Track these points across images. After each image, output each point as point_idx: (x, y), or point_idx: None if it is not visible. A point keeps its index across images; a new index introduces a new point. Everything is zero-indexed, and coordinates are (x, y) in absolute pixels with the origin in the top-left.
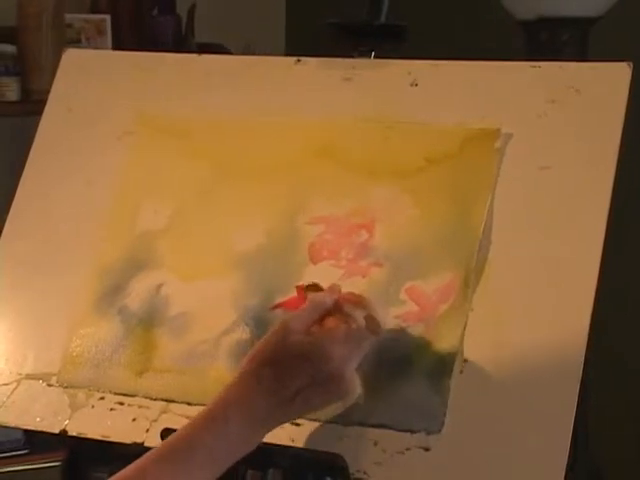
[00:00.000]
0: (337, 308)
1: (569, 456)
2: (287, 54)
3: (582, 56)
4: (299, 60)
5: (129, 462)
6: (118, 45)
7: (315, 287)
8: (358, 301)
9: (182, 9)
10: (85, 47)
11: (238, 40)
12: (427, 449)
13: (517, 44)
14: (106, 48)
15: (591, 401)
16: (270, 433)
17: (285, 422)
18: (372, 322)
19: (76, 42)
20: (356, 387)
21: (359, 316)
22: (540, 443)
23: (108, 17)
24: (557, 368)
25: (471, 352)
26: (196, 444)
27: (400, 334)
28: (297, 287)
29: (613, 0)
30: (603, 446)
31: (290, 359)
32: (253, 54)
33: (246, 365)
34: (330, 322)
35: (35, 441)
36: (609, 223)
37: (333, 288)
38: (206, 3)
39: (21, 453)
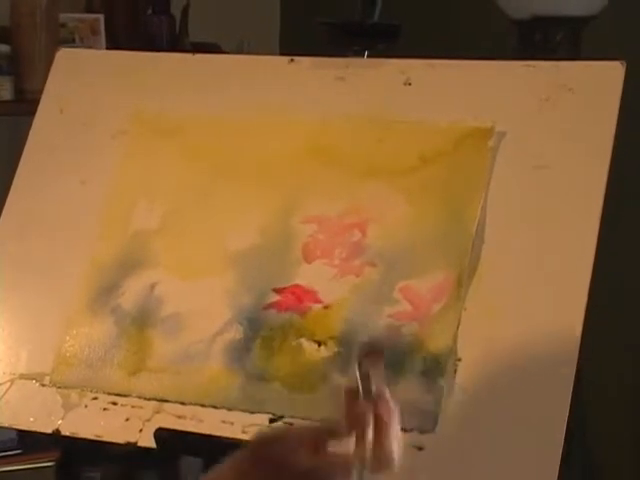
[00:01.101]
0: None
1: (563, 451)
2: (281, 53)
3: (576, 55)
4: (292, 60)
5: (122, 462)
6: (112, 45)
7: (372, 355)
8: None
9: (176, 9)
10: (79, 47)
11: (232, 39)
12: (421, 448)
13: (511, 43)
14: (100, 48)
15: (587, 395)
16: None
17: None
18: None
19: (70, 42)
20: None
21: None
22: (533, 441)
23: (102, 17)
24: (550, 366)
25: (464, 351)
26: None
27: (393, 333)
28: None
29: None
30: (598, 440)
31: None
32: (247, 53)
33: (250, 453)
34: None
35: (28, 441)
36: (602, 221)
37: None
38: (200, 3)
39: (14, 453)
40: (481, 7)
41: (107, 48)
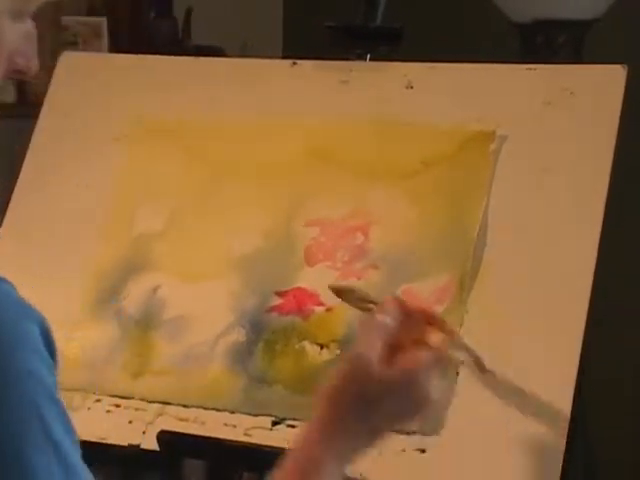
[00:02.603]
0: (406, 329)
1: (566, 454)
2: (284, 56)
3: (578, 59)
4: (295, 63)
5: (125, 465)
6: (115, 48)
7: (345, 290)
8: (426, 315)
9: (179, 11)
10: (82, 50)
11: (235, 42)
12: (423, 451)
13: (513, 47)
14: (103, 51)
15: (588, 395)
16: (265, 435)
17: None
18: (480, 364)
19: (73, 45)
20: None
21: (432, 338)
22: (536, 444)
23: (105, 20)
24: (552, 368)
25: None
26: None
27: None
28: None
29: (608, 3)
30: (599, 437)
31: (380, 394)
32: (250, 56)
33: (328, 405)
34: (406, 348)
35: None
36: (605, 225)
37: (387, 306)
38: (203, 5)
39: None
40: (483, 10)
41: (110, 51)
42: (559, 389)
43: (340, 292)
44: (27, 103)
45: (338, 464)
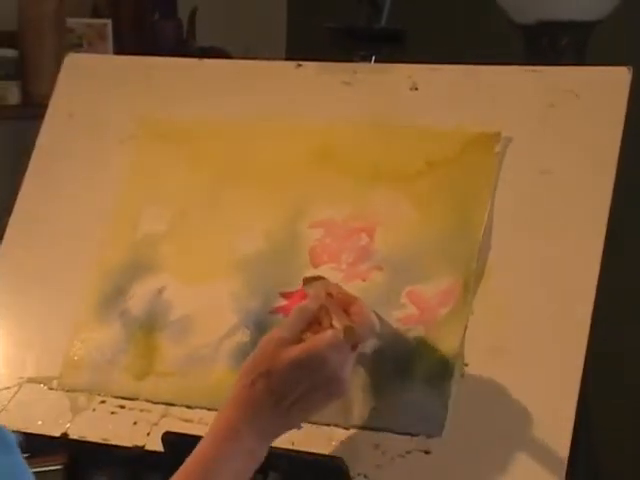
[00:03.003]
0: (324, 313)
1: (570, 456)
2: (287, 58)
3: (582, 60)
4: (299, 65)
5: (130, 466)
6: (119, 49)
7: (315, 279)
8: (348, 301)
9: (183, 13)
10: (86, 51)
11: (239, 44)
12: (427, 452)
13: (517, 48)
14: (107, 52)
15: (593, 402)
16: None
17: (287, 431)
18: (349, 332)
19: (77, 46)
20: (351, 386)
21: (345, 320)
22: (540, 446)
23: (109, 21)
24: (557, 371)
25: (471, 356)
26: (213, 469)
27: (401, 338)
28: (303, 279)
29: (612, 5)
30: (604, 446)
31: (286, 369)
32: (254, 58)
33: (242, 380)
34: (318, 328)
35: (36, 445)
36: (609, 227)
37: (317, 293)
38: (207, 7)
39: (23, 457)
40: (487, 12)
41: (114, 53)
42: (564, 391)
43: (306, 281)
44: (31, 105)
45: (257, 435)
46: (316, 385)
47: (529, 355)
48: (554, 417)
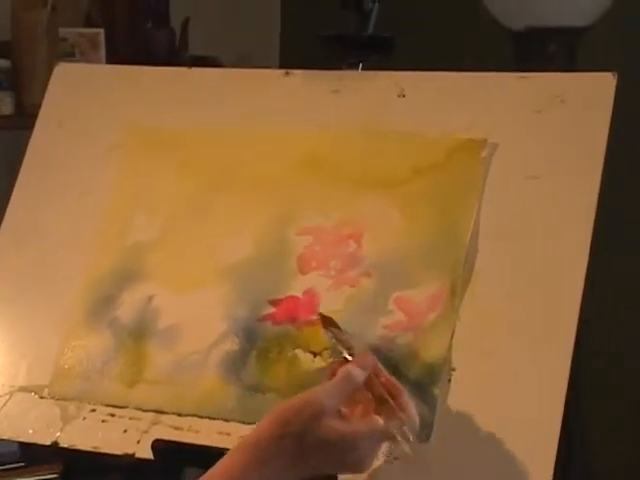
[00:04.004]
0: (366, 390)
1: (563, 458)
2: (281, 66)
3: (571, 66)
4: (288, 72)
5: (123, 474)
6: (112, 59)
7: (330, 321)
8: (396, 390)
9: (176, 22)
10: (79, 61)
11: (232, 53)
12: (415, 458)
13: (506, 54)
14: (100, 62)
15: (585, 404)
16: None
17: None
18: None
19: (70, 56)
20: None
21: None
22: (528, 451)
23: (102, 31)
24: (544, 375)
25: (459, 361)
26: None
27: (388, 343)
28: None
29: (601, 10)
30: (597, 448)
31: (319, 442)
32: (248, 67)
33: (269, 427)
34: (362, 408)
35: (31, 454)
36: (595, 231)
37: (366, 362)
38: (200, 16)
39: (17, 466)
40: (476, 18)
41: (107, 62)
42: (551, 395)
43: (326, 322)
44: (25, 115)
45: None
46: (339, 465)
47: (516, 360)
48: (542, 421)
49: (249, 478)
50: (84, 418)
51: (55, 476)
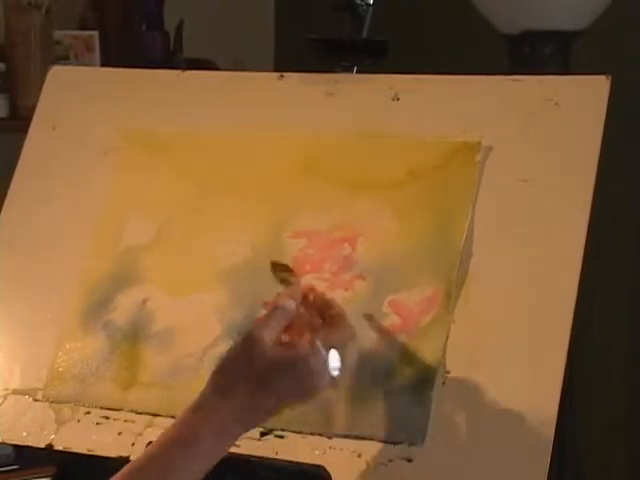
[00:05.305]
0: (299, 315)
1: (557, 463)
2: (276, 70)
3: (565, 69)
4: (282, 76)
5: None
6: (107, 61)
7: (283, 267)
8: (326, 304)
9: (170, 25)
10: (74, 63)
11: (227, 56)
12: (410, 460)
13: (500, 58)
14: (95, 64)
15: (578, 407)
16: (254, 446)
17: (253, 428)
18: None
19: (65, 59)
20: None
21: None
22: (522, 453)
23: (96, 33)
24: (538, 378)
25: (453, 363)
26: (168, 466)
27: (383, 346)
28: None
29: (595, 14)
30: (590, 449)
31: (267, 373)
32: (242, 70)
33: (215, 379)
34: (299, 329)
35: (25, 456)
36: (589, 234)
37: (295, 291)
38: (194, 19)
39: (11, 469)
40: (471, 22)
41: (102, 65)
42: (545, 397)
43: (276, 268)
44: (19, 118)
45: (217, 438)
46: (299, 392)
47: (510, 362)
48: (536, 423)
49: (200, 435)
50: (78, 421)
51: (49, 479)
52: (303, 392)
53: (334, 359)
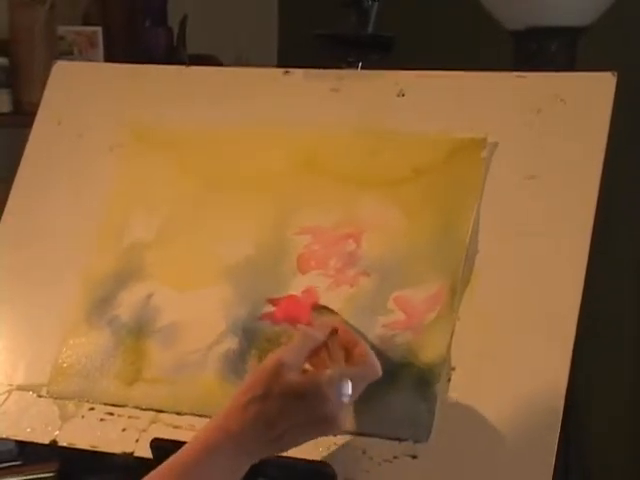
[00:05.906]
0: (325, 348)
1: (563, 461)
2: (279, 65)
3: (571, 65)
4: (287, 71)
5: (121, 473)
6: (110, 57)
7: (325, 309)
8: (353, 341)
9: (174, 21)
10: (77, 59)
11: (230, 51)
12: (414, 457)
13: (506, 54)
14: (98, 60)
15: (583, 405)
16: None
17: (270, 455)
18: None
19: (68, 54)
20: (345, 424)
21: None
22: (527, 451)
23: (100, 29)
24: (544, 375)
25: (458, 360)
26: (190, 475)
27: (388, 343)
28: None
29: (601, 10)
30: (596, 448)
31: (284, 398)
32: (245, 65)
33: (239, 397)
34: (317, 360)
35: (28, 452)
36: (595, 231)
37: (325, 324)
38: (198, 15)
39: (14, 464)
40: (476, 18)
41: (105, 60)
42: (551, 395)
43: (315, 308)
44: (23, 113)
45: (239, 459)
46: (310, 420)
47: (516, 359)
48: (541, 421)
49: (222, 447)
50: (83, 417)
51: (52, 475)
52: (316, 419)
53: (346, 387)
